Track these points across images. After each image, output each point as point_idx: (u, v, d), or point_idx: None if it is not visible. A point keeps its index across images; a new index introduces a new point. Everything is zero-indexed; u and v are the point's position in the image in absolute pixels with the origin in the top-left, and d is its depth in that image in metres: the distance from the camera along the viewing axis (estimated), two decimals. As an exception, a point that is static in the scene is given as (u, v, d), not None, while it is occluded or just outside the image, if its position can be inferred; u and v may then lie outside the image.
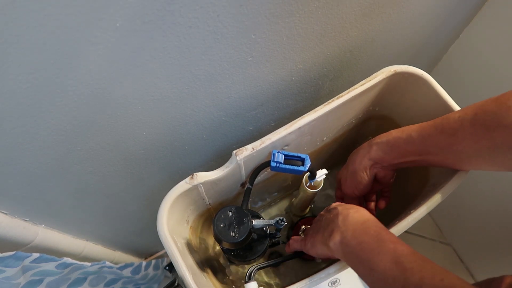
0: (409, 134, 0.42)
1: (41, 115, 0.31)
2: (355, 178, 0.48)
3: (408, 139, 0.41)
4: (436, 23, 0.64)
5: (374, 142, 0.46)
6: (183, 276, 0.38)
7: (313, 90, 0.57)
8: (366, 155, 0.46)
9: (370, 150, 0.46)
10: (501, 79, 0.70)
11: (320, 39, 0.45)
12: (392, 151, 0.44)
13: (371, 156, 0.46)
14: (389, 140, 0.44)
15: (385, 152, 0.44)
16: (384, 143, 0.44)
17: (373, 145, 0.45)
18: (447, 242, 1.06)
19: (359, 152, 0.47)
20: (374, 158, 0.45)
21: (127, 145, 0.42)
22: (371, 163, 0.46)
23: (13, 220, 0.39)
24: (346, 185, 0.50)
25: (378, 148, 0.45)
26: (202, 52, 0.35)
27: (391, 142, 0.43)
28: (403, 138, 0.42)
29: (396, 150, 0.43)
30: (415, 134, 0.41)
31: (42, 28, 0.24)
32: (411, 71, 0.47)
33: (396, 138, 0.43)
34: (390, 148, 0.44)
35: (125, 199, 0.55)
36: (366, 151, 0.46)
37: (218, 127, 0.50)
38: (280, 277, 0.64)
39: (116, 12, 0.26)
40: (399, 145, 0.43)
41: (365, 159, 0.46)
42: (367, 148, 0.46)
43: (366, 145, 0.47)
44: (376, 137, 0.46)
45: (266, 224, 0.44)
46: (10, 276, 0.37)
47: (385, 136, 0.45)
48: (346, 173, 0.50)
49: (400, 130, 0.43)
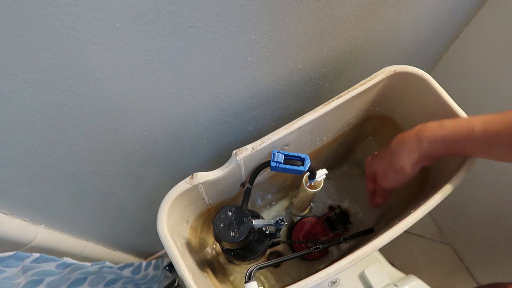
0: (471, 128, 0.37)
1: (41, 115, 0.31)
2: (401, 173, 0.44)
3: (470, 136, 0.37)
4: (436, 23, 0.64)
5: (426, 136, 0.41)
6: (183, 276, 0.38)
7: (313, 90, 0.57)
8: (415, 151, 0.42)
9: (421, 146, 0.41)
10: (501, 79, 0.70)
11: (320, 39, 0.45)
12: (449, 148, 0.39)
13: (422, 152, 0.41)
14: (445, 136, 0.39)
15: (438, 148, 0.40)
16: (439, 140, 0.40)
17: (424, 140, 0.41)
18: (447, 242, 1.06)
19: (406, 147, 0.43)
20: (426, 154, 0.41)
21: (127, 145, 0.42)
22: (421, 158, 0.42)
23: (13, 220, 0.39)
24: (387, 179, 0.47)
25: (431, 144, 0.40)
26: (202, 52, 0.35)
27: (448, 138, 0.39)
28: (464, 134, 0.38)
29: (453, 147, 0.39)
30: (478, 130, 0.36)
31: (43, 28, 0.24)
32: (411, 71, 0.47)
33: (454, 134, 0.38)
34: (446, 144, 0.39)
35: (125, 199, 0.55)
36: (415, 146, 0.42)
37: (218, 127, 0.50)
38: (280, 277, 0.64)
39: (116, 12, 0.26)
40: (458, 141, 0.38)
41: (414, 155, 0.42)
42: (416, 143, 0.42)
43: (413, 138, 0.42)
44: (423, 128, 0.42)
45: (266, 224, 0.44)
46: (10, 276, 0.37)
47: (439, 129, 0.40)
48: (386, 167, 0.46)
49: (457, 122, 0.39)
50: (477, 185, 0.85)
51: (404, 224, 0.40)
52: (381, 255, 0.62)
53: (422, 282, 0.55)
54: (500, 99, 0.72)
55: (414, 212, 0.41)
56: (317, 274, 0.38)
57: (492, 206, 0.85)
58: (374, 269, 0.57)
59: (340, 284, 0.57)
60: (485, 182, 0.83)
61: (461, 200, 0.92)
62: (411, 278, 0.56)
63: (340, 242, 0.57)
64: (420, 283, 0.55)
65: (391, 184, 0.47)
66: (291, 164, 0.43)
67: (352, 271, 0.59)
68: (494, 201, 0.83)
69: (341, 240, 0.56)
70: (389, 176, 0.46)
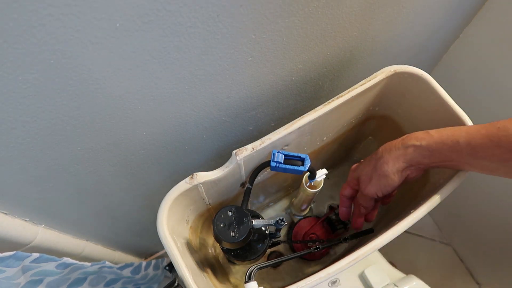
0: (456, 140, 0.37)
1: (41, 115, 0.31)
2: (385, 180, 0.44)
3: (454, 147, 0.38)
4: (436, 23, 0.64)
5: (411, 144, 0.41)
6: (183, 276, 0.38)
7: (313, 90, 0.57)
8: (401, 158, 0.42)
9: (406, 153, 0.42)
10: (501, 79, 0.70)
11: (320, 39, 0.45)
12: (433, 156, 0.40)
13: (407, 159, 0.42)
14: (430, 145, 0.40)
15: (424, 156, 0.40)
16: (425, 148, 0.40)
17: (409, 147, 0.41)
18: (447, 242, 1.06)
19: (392, 153, 0.43)
20: (410, 161, 0.42)
21: (127, 145, 0.42)
22: (406, 165, 0.42)
23: (13, 220, 0.39)
24: (370, 185, 0.46)
25: (416, 151, 0.41)
26: (202, 52, 0.35)
27: (432, 147, 0.39)
28: (448, 144, 0.38)
29: (437, 156, 0.40)
30: (463, 142, 0.37)
31: (43, 28, 0.24)
32: (411, 71, 0.47)
33: (439, 144, 0.39)
34: (431, 153, 0.40)
35: (125, 199, 0.55)
36: (400, 153, 0.42)
37: (218, 127, 0.50)
38: (280, 277, 0.64)
39: (116, 12, 0.26)
40: (442, 151, 0.39)
41: (399, 161, 0.42)
42: (402, 150, 0.42)
43: (399, 145, 0.43)
44: (409, 136, 0.42)
45: (266, 224, 0.44)
46: (10, 276, 0.37)
47: (424, 138, 0.40)
48: (370, 173, 0.46)
49: (442, 133, 0.40)
50: (477, 185, 0.85)
51: (404, 224, 0.40)
52: (381, 255, 0.62)
53: (422, 282, 0.55)
54: (500, 99, 0.73)
55: (414, 212, 0.41)
56: (317, 274, 0.38)
57: (492, 206, 0.85)
58: (374, 269, 0.57)
59: (340, 284, 0.57)
60: (485, 182, 0.83)
61: (461, 200, 0.92)
62: (411, 278, 0.56)
63: (340, 242, 0.57)
64: (420, 283, 0.55)
65: (374, 191, 0.46)
66: (291, 164, 0.43)
67: (352, 271, 0.59)
68: (494, 201, 0.83)
69: (341, 240, 0.56)
70: (372, 181, 0.46)
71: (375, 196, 0.47)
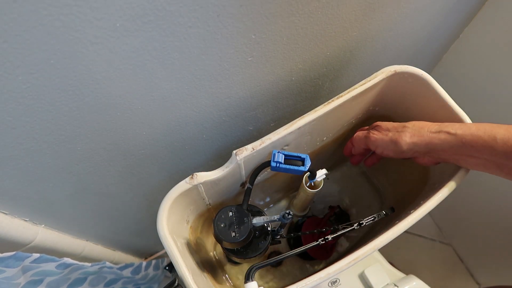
0: (493, 136, 0.35)
1: (41, 115, 0.31)
2: (394, 145, 0.42)
3: (490, 143, 0.35)
4: (436, 23, 0.64)
5: (445, 130, 0.38)
6: (183, 276, 0.38)
7: (313, 90, 0.57)
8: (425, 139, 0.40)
9: (435, 137, 0.39)
10: (501, 79, 0.70)
11: (320, 39, 0.45)
12: (461, 149, 0.37)
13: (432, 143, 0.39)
14: (464, 136, 0.37)
15: (451, 146, 0.38)
16: (459, 137, 0.37)
17: (441, 133, 0.38)
18: (447, 242, 1.06)
19: (421, 131, 0.40)
20: (434, 148, 0.39)
21: (127, 145, 0.42)
22: (425, 150, 0.40)
23: (13, 220, 0.39)
24: (379, 136, 0.44)
25: (447, 140, 0.38)
26: (202, 52, 0.35)
27: (466, 139, 0.36)
28: (484, 139, 0.35)
29: (466, 150, 0.37)
30: (500, 139, 0.34)
31: (42, 28, 0.24)
32: (411, 71, 0.47)
33: (475, 137, 0.36)
34: (462, 145, 0.37)
35: (125, 199, 0.55)
36: (429, 136, 0.39)
37: (218, 127, 0.50)
38: (280, 277, 0.64)
39: (116, 12, 0.26)
40: (475, 146, 0.36)
41: (422, 142, 0.40)
42: (433, 134, 0.39)
43: (433, 128, 0.40)
44: (447, 123, 0.39)
45: (269, 221, 0.43)
46: (10, 276, 0.37)
47: (461, 128, 0.37)
48: (389, 129, 0.44)
49: (479, 126, 0.37)
50: (477, 185, 0.85)
51: (404, 224, 0.40)
52: (381, 255, 0.62)
53: (422, 282, 0.55)
54: (500, 99, 0.73)
55: (414, 212, 0.41)
56: (317, 274, 0.38)
57: (492, 206, 0.85)
58: (374, 269, 0.57)
59: (340, 284, 0.57)
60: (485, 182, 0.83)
61: (461, 200, 0.92)
62: (411, 278, 0.56)
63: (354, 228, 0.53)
64: (420, 283, 0.55)
65: (379, 146, 0.45)
66: (291, 164, 0.43)
67: (352, 271, 0.59)
68: (494, 201, 0.83)
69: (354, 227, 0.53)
70: (385, 138, 0.44)
71: (373, 148, 0.46)
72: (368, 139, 0.46)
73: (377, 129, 0.46)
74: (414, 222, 0.40)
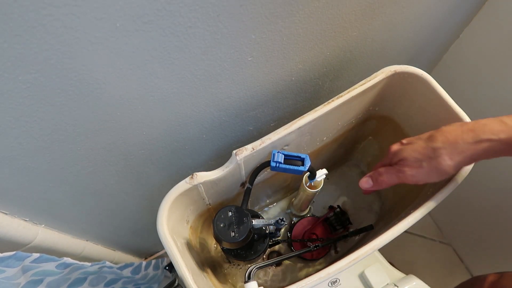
0: None
1: (41, 115, 0.31)
2: (438, 174, 0.38)
3: None
4: (436, 23, 0.64)
5: (485, 138, 0.35)
6: (183, 276, 0.38)
7: (313, 90, 0.57)
8: (468, 153, 0.36)
9: (477, 148, 0.36)
10: (501, 79, 0.70)
11: (320, 39, 0.45)
12: (506, 151, 0.35)
13: (476, 155, 0.36)
14: (510, 138, 0.34)
15: (496, 151, 0.35)
16: (504, 142, 0.34)
17: (483, 142, 0.35)
18: (447, 242, 1.06)
19: (458, 147, 0.37)
20: (479, 157, 0.36)
21: (127, 145, 0.42)
22: (472, 159, 0.37)
23: (13, 220, 0.39)
24: (417, 171, 0.40)
25: (491, 147, 0.35)
26: (202, 52, 0.35)
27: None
28: None
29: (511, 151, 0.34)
30: None
31: (42, 28, 0.24)
32: (411, 71, 0.47)
33: None
34: (507, 147, 0.34)
35: (125, 199, 0.55)
36: (470, 147, 0.36)
37: (218, 127, 0.50)
38: (280, 277, 0.64)
39: (116, 12, 0.26)
40: None
41: (465, 158, 0.37)
42: (472, 145, 0.36)
43: (470, 139, 0.36)
44: (481, 127, 0.36)
45: (266, 224, 0.44)
46: (10, 276, 0.37)
47: (503, 130, 0.34)
48: (422, 159, 0.39)
49: None
50: (477, 185, 0.85)
51: (404, 224, 0.40)
52: (381, 255, 0.62)
53: (422, 282, 0.55)
54: (500, 99, 0.73)
55: (414, 212, 0.41)
56: (317, 274, 0.38)
57: (492, 206, 0.85)
58: (374, 269, 0.57)
59: (340, 284, 0.57)
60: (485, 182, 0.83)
61: (461, 200, 0.92)
62: (411, 278, 0.56)
63: (339, 239, 0.57)
64: (420, 283, 0.55)
65: (418, 179, 0.40)
66: (291, 164, 0.43)
67: (352, 271, 0.59)
68: (494, 201, 0.83)
69: (340, 238, 0.56)
70: (422, 170, 0.39)
71: (412, 183, 0.41)
72: (404, 178, 0.41)
73: (405, 163, 0.41)
74: (414, 222, 0.40)
